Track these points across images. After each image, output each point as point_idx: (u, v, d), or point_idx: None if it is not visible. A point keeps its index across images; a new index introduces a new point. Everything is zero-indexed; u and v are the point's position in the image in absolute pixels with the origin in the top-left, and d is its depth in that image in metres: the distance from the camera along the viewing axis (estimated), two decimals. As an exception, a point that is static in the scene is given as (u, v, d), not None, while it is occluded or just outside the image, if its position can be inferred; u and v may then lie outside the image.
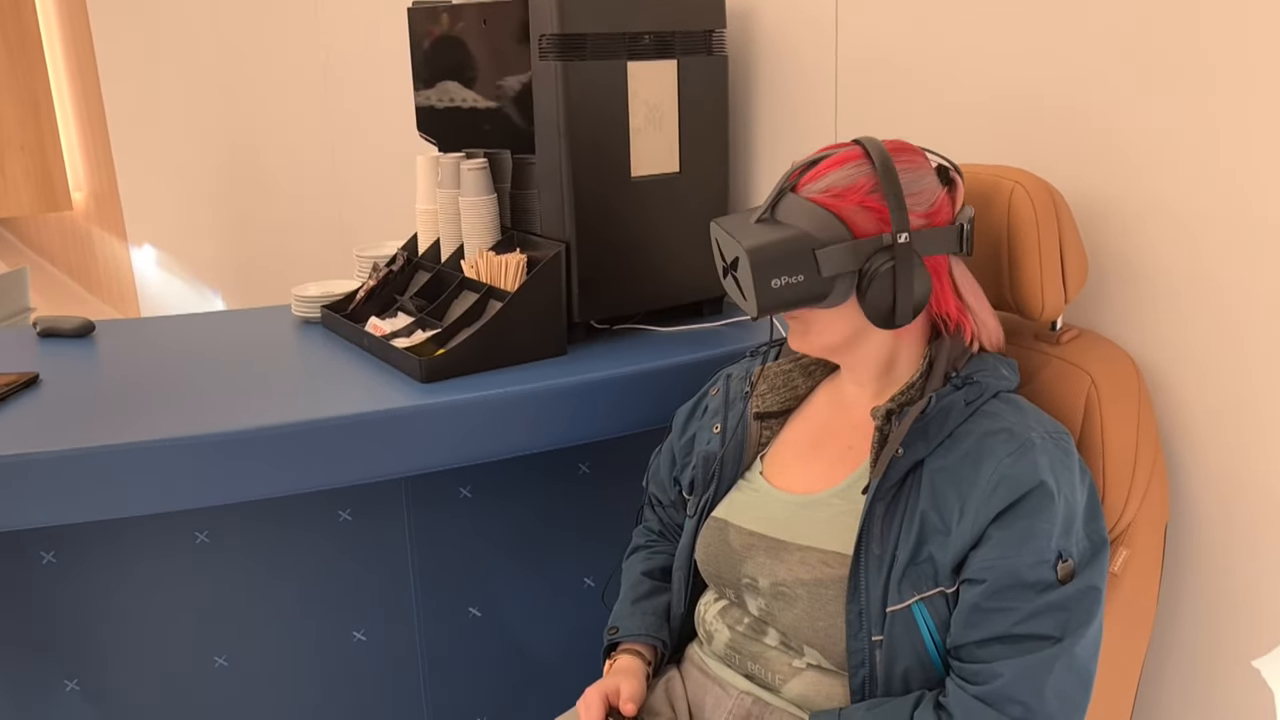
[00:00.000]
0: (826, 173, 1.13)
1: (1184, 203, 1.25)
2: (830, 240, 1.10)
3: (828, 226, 1.10)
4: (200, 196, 4.83)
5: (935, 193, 1.15)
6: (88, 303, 6.96)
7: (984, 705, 1.03)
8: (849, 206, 1.12)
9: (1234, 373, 1.23)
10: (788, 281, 1.10)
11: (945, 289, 1.17)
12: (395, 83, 2.96)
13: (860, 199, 1.12)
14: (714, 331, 1.80)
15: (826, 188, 1.13)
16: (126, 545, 1.68)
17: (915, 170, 1.14)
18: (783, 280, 1.10)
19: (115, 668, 1.73)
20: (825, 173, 1.13)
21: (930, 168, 1.17)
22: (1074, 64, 1.35)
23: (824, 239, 1.10)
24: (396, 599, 1.85)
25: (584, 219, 1.68)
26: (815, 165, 1.15)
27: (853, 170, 1.13)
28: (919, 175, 1.14)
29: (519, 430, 1.56)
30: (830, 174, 1.13)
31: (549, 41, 1.62)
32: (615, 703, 1.22)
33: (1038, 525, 1.04)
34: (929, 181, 1.15)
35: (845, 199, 1.12)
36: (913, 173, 1.14)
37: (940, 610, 1.08)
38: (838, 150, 1.15)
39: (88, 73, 6.09)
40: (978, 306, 1.21)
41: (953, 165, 1.19)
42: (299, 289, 1.98)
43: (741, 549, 1.21)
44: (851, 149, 1.15)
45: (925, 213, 1.13)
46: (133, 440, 1.38)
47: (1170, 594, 1.34)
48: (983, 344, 1.20)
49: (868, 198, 1.12)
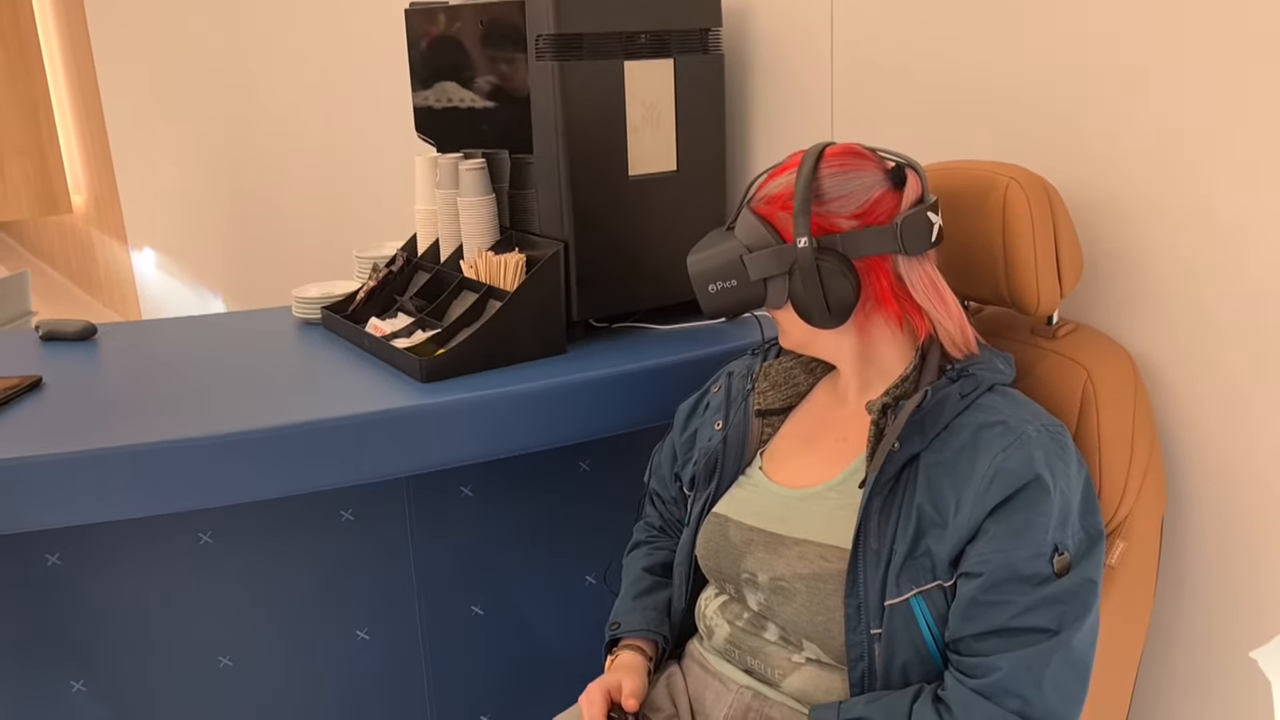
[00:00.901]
0: (769, 182, 1.20)
1: (1180, 198, 1.26)
2: (758, 246, 1.17)
3: (757, 234, 1.17)
4: (200, 198, 4.84)
5: (869, 193, 1.15)
6: (89, 306, 6.97)
7: (982, 698, 1.03)
8: (778, 213, 1.17)
9: (1229, 365, 1.24)
10: (722, 286, 1.20)
11: (882, 288, 1.16)
12: (393, 84, 2.97)
13: (784, 204, 1.16)
14: (713, 329, 1.81)
15: (762, 197, 1.19)
16: (131, 547, 1.69)
17: (846, 173, 1.15)
18: (718, 285, 1.20)
19: (120, 668, 1.73)
20: (768, 183, 1.20)
21: (874, 169, 1.16)
22: (1069, 60, 1.35)
23: (753, 245, 1.17)
24: (399, 598, 1.85)
25: (582, 218, 1.69)
26: (769, 175, 1.21)
27: (786, 178, 1.18)
28: (849, 177, 1.15)
29: (519, 429, 1.57)
30: (770, 183, 1.19)
31: (545, 42, 1.62)
32: (617, 698, 1.22)
33: (1034, 519, 1.05)
34: (862, 183, 1.15)
35: (774, 205, 1.17)
36: (841, 175, 1.15)
37: (938, 604, 1.09)
38: (792, 159, 1.20)
39: (86, 75, 6.09)
40: (933, 308, 1.17)
41: (912, 164, 1.18)
42: (299, 290, 1.99)
43: (741, 544, 1.21)
44: (800, 156, 1.18)
45: (855, 213, 1.14)
46: (136, 442, 1.39)
47: (1168, 586, 1.35)
48: (941, 343, 1.18)
49: (789, 203, 1.15)
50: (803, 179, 1.14)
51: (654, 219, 1.77)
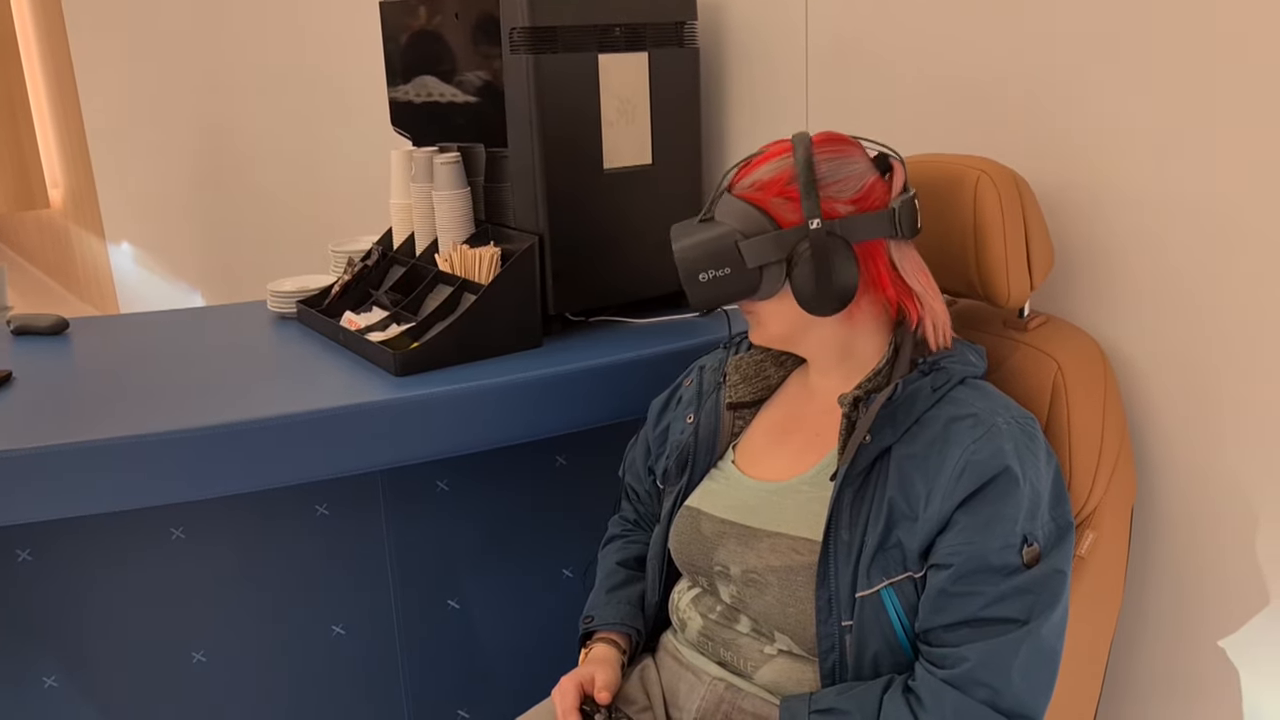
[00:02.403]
0: (754, 169, 1.17)
1: (1149, 191, 1.26)
2: (754, 232, 1.14)
3: (751, 220, 1.15)
4: (178, 193, 4.81)
5: (863, 179, 1.16)
6: (66, 301, 6.92)
7: (951, 688, 1.04)
8: (772, 199, 1.15)
9: (1197, 358, 1.25)
10: (714, 275, 1.16)
11: (880, 273, 1.17)
12: (370, 78, 2.95)
13: (780, 190, 1.14)
14: (689, 323, 1.81)
15: (752, 183, 1.17)
16: (103, 542, 1.68)
17: (840, 159, 1.16)
18: (709, 274, 1.16)
19: (93, 664, 1.72)
20: (753, 170, 1.17)
21: (861, 156, 1.18)
22: (1040, 54, 1.36)
23: (748, 232, 1.14)
24: (375, 592, 1.85)
25: (557, 212, 1.69)
26: (747, 164, 1.18)
27: (777, 164, 1.16)
28: (843, 163, 1.16)
29: (495, 423, 1.57)
30: (757, 170, 1.17)
31: (519, 35, 1.62)
32: (590, 691, 1.23)
33: (1003, 510, 1.05)
34: (856, 168, 1.16)
35: (767, 191, 1.15)
36: (836, 161, 1.15)
37: (909, 595, 1.09)
38: (771, 147, 1.18)
39: (63, 69, 6.05)
40: (924, 292, 1.19)
41: (894, 153, 1.20)
42: (274, 284, 1.98)
43: (713, 537, 1.22)
44: (781, 144, 1.18)
45: (852, 199, 1.15)
46: (107, 436, 1.38)
47: (1137, 576, 1.36)
48: (926, 331, 1.19)
49: (787, 188, 1.14)
50: (802, 162, 1.13)
51: (629, 212, 1.76)
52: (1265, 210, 1.16)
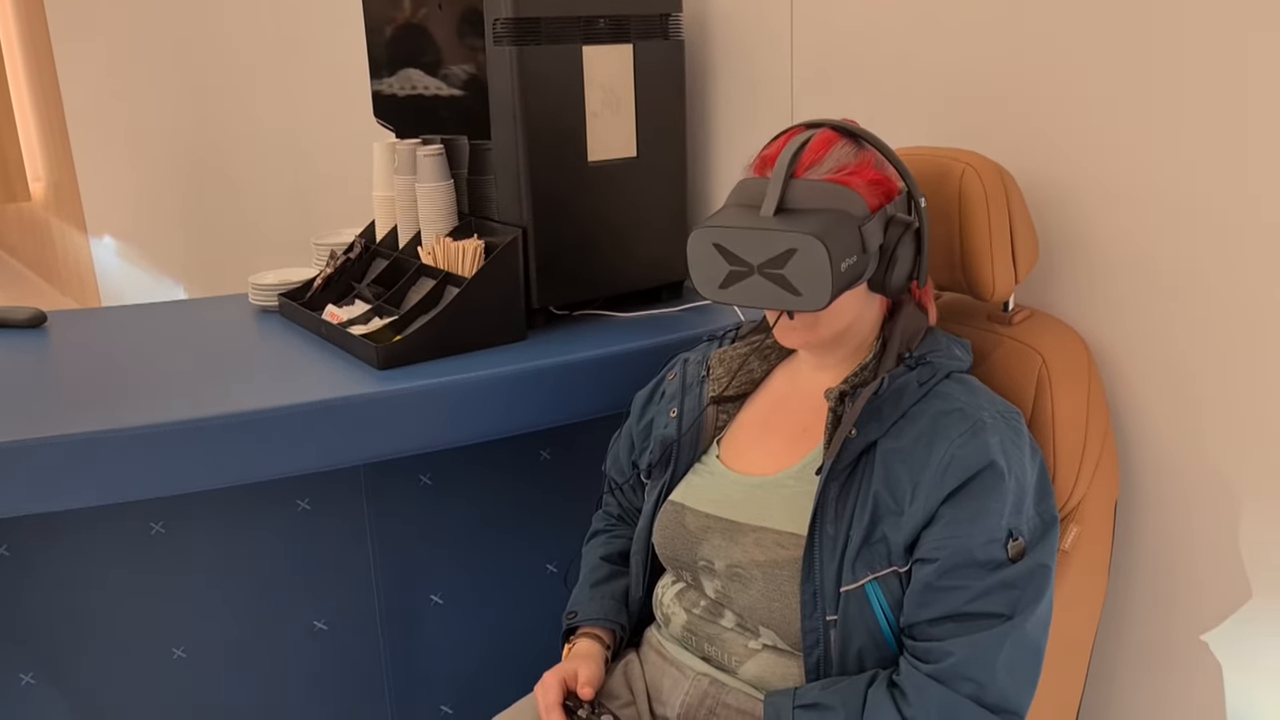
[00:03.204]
0: (824, 154, 1.12)
1: (1132, 186, 1.26)
2: (863, 215, 1.10)
3: (855, 203, 1.09)
4: (161, 186, 4.78)
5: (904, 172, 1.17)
6: (47, 295, 6.87)
7: (936, 683, 1.04)
8: (862, 182, 1.11)
9: (1180, 353, 1.25)
10: (849, 263, 1.06)
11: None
12: (353, 70, 2.94)
13: (870, 174, 1.12)
14: (673, 317, 1.81)
15: (838, 167, 1.11)
16: (81, 537, 1.67)
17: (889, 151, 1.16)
18: (848, 262, 1.06)
19: (72, 660, 1.71)
20: (823, 155, 1.12)
21: None
22: (1026, 48, 1.36)
23: (858, 215, 1.09)
24: (357, 588, 1.84)
25: (541, 204, 1.68)
26: (803, 149, 1.12)
27: (848, 148, 1.13)
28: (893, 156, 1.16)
29: (478, 417, 1.56)
30: (829, 155, 1.12)
31: (503, 26, 1.61)
32: (573, 686, 1.22)
33: (989, 504, 1.05)
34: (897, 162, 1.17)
35: (858, 175, 1.11)
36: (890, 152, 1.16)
37: (894, 589, 1.09)
38: (803, 134, 1.13)
39: (44, 60, 6.00)
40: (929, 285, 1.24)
41: None
42: (256, 277, 1.96)
43: (698, 531, 1.21)
44: (825, 132, 1.14)
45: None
46: (86, 430, 1.36)
47: (1121, 569, 1.36)
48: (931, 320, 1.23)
49: (874, 171, 1.12)
50: (883, 146, 1.14)
51: (614, 205, 1.76)
52: (1247, 207, 1.16)
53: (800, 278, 1.05)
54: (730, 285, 1.10)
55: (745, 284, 1.09)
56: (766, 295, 1.08)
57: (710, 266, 1.11)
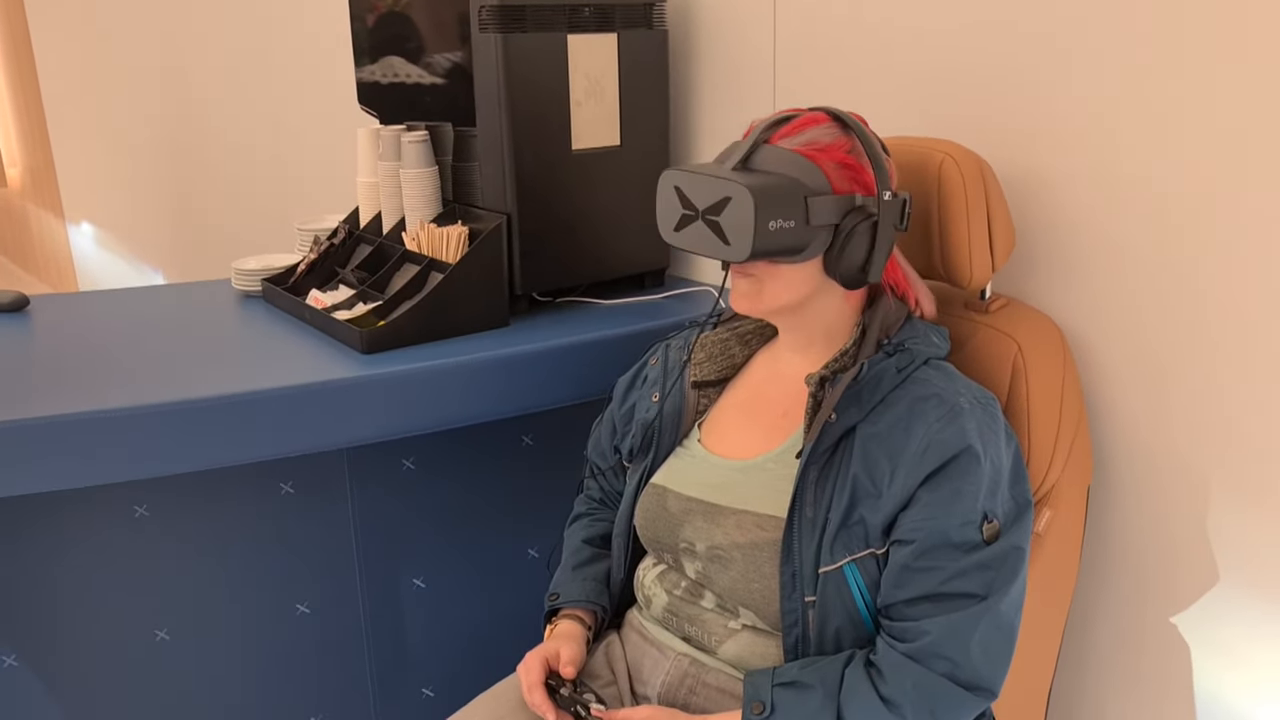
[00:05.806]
0: (804, 129, 1.14)
1: (1108, 176, 1.28)
2: (818, 190, 1.11)
3: (814, 177, 1.12)
4: (140, 172, 4.75)
5: (892, 166, 1.18)
6: (24, 282, 6.82)
7: (912, 661, 1.06)
8: (830, 162, 1.13)
9: (1152, 341, 1.27)
10: (781, 225, 1.09)
11: (894, 257, 1.21)
12: (337, 55, 2.93)
13: (840, 157, 1.13)
14: (655, 303, 1.82)
15: (809, 142, 1.14)
16: (65, 519, 1.67)
17: (880, 143, 1.18)
18: (777, 223, 1.08)
19: (55, 642, 1.71)
20: (802, 129, 1.14)
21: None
22: (1005, 39, 1.37)
23: (813, 188, 1.11)
24: (340, 571, 1.85)
25: (525, 191, 1.69)
26: (788, 122, 1.15)
27: (829, 129, 1.15)
28: (879, 148, 1.17)
29: (461, 402, 1.57)
30: (808, 130, 1.14)
31: (489, 13, 1.62)
32: (555, 666, 1.23)
33: (965, 487, 1.07)
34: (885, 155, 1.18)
35: (827, 154, 1.13)
36: (877, 144, 1.17)
37: (871, 571, 1.11)
38: (802, 113, 1.17)
39: (21, 45, 5.94)
40: (915, 278, 1.26)
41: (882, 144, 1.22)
42: (239, 262, 1.97)
43: (679, 514, 1.23)
44: (817, 113, 1.16)
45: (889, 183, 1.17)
46: (70, 412, 1.37)
47: (1093, 553, 1.38)
48: (923, 311, 1.25)
49: (847, 156, 1.14)
50: (867, 135, 1.14)
51: (597, 193, 1.77)
52: (1221, 197, 1.18)
53: (731, 228, 1.10)
54: (681, 229, 1.17)
55: (691, 229, 1.15)
56: (704, 242, 1.14)
57: (668, 208, 1.18)
